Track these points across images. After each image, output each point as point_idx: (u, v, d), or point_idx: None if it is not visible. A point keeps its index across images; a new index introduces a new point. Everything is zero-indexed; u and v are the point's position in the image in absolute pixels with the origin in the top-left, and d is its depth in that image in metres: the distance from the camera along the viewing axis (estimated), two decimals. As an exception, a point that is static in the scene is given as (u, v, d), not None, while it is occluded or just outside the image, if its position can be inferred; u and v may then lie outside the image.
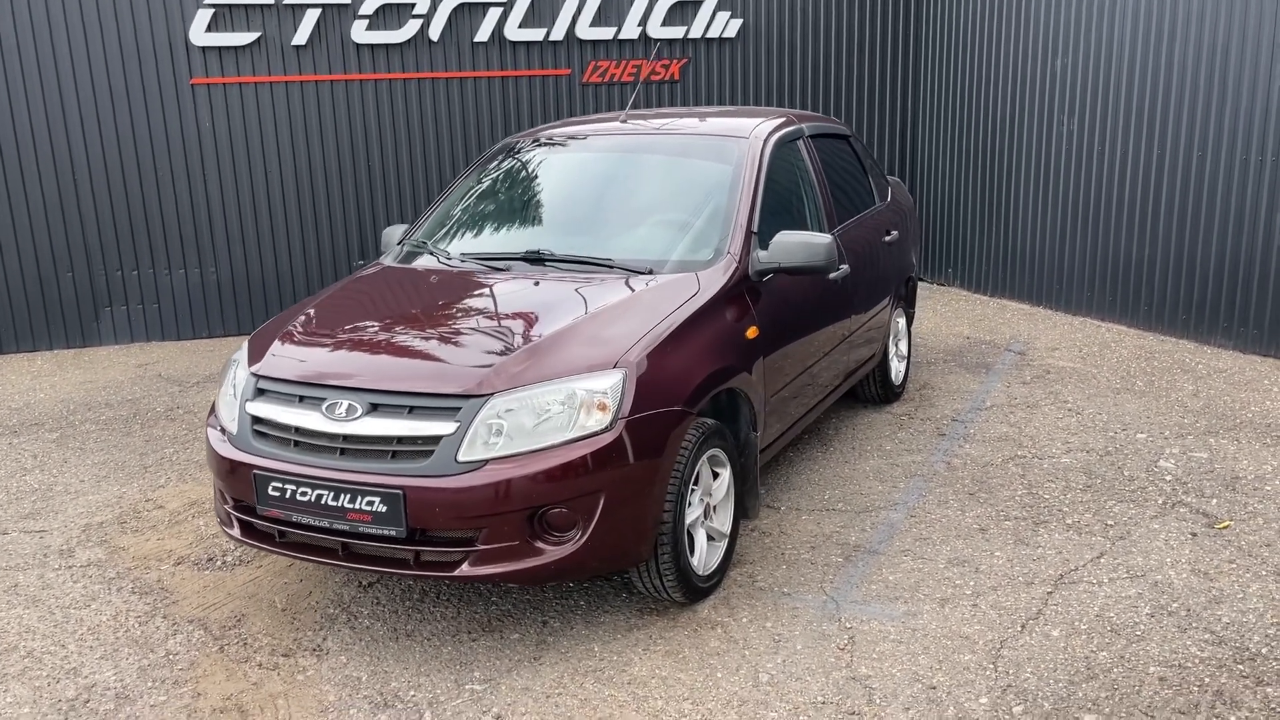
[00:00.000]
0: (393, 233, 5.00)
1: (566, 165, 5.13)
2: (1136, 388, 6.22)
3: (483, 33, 8.42)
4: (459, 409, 3.38)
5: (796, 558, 4.20)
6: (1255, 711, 3.11)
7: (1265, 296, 6.64)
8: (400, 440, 3.40)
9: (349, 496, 3.38)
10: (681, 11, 8.76)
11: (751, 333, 4.13)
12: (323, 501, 3.42)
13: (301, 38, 8.16)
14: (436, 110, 8.55)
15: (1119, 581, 3.90)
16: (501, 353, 3.57)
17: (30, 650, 3.73)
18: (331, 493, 3.40)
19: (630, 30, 8.68)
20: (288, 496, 3.48)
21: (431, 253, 4.63)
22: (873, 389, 5.96)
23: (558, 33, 8.55)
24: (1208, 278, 6.99)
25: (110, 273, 8.25)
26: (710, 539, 3.93)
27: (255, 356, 3.86)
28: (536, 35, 8.52)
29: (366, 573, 3.94)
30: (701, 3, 8.76)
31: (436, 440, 3.36)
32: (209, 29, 8.02)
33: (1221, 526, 4.34)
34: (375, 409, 3.45)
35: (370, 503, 3.36)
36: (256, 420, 3.66)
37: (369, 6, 8.21)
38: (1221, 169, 6.81)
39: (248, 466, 3.58)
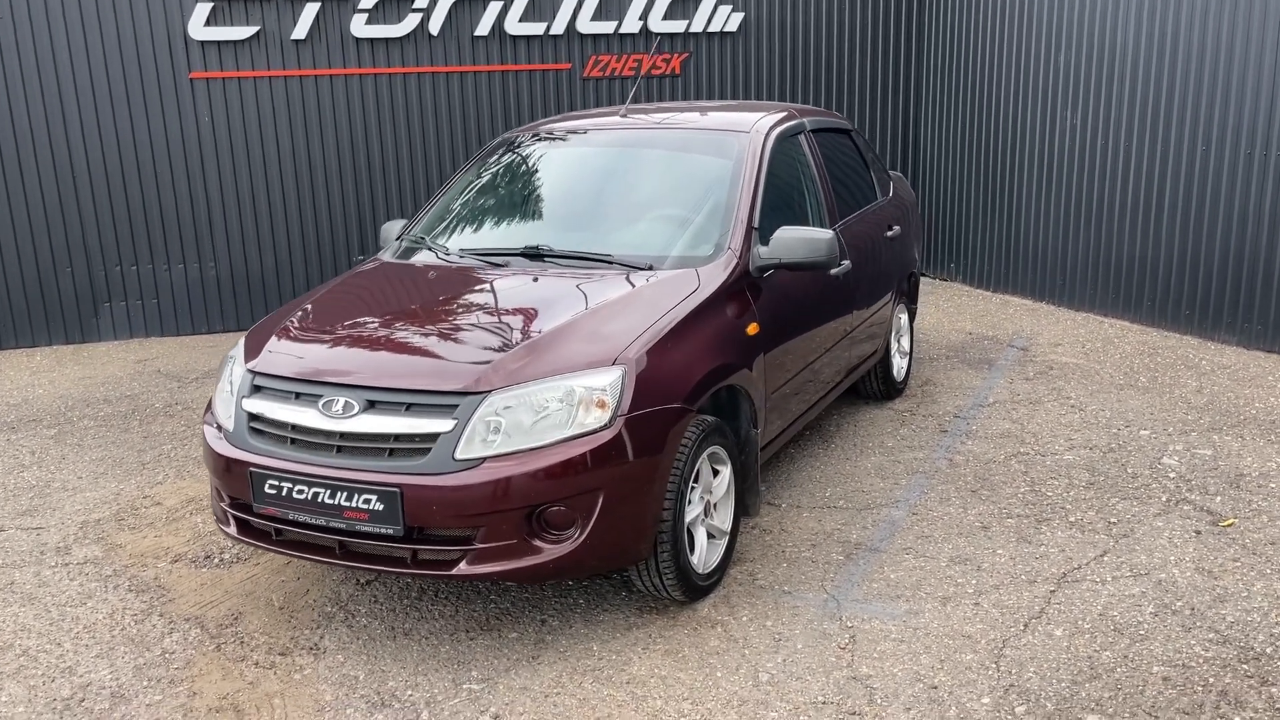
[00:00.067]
0: (391, 228, 4.97)
1: (566, 160, 5.09)
2: (1140, 384, 6.19)
3: (483, 27, 8.38)
4: (456, 406, 3.35)
5: (797, 556, 4.17)
6: (1260, 712, 3.08)
7: (1269, 292, 6.60)
8: (397, 438, 3.37)
9: (346, 494, 3.35)
10: (683, 5, 8.71)
11: (752, 329, 4.10)
12: (319, 499, 3.39)
13: (301, 32, 8.13)
14: (436, 105, 8.51)
15: (1122, 580, 3.87)
16: (499, 349, 3.54)
17: (26, 648, 3.70)
18: (328, 490, 3.38)
19: (631, 24, 8.63)
20: (284, 494, 3.46)
21: (430, 248, 4.60)
22: (874, 385, 5.93)
23: (558, 27, 8.51)
24: (1211, 273, 6.96)
25: (109, 268, 8.22)
26: (710, 537, 3.90)
27: (252, 353, 3.83)
28: (537, 29, 8.48)
29: (364, 571, 3.92)
30: (703, -3, 8.73)
31: (434, 438, 3.33)
32: (208, 23, 7.98)
33: (1226, 524, 4.31)
34: (372, 406, 3.42)
35: (367, 501, 3.33)
36: (253, 417, 3.63)
37: (368, 1, 8.17)
38: (1225, 164, 6.77)
39: (244, 464, 3.55)
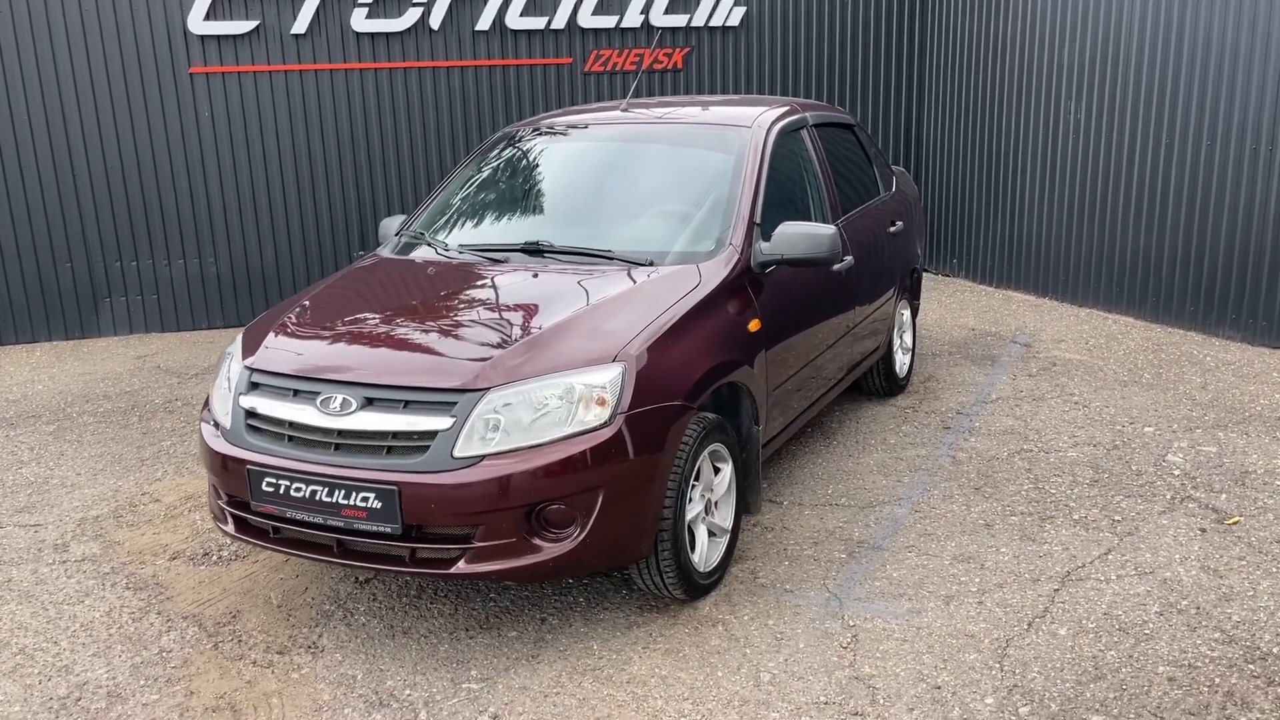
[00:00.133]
0: (390, 223, 4.94)
1: (566, 155, 5.06)
2: (1144, 380, 6.15)
3: (484, 21, 8.34)
4: (455, 403, 3.32)
5: (799, 554, 4.14)
6: (1267, 713, 3.05)
7: (1275, 288, 6.55)
8: (395, 435, 3.34)
9: (343, 492, 3.32)
10: (684, 0, 8.67)
11: (754, 325, 4.06)
12: (317, 497, 3.36)
13: (301, 26, 8.09)
14: (437, 99, 8.47)
15: (1127, 579, 3.84)
16: (498, 346, 3.51)
17: (22, 647, 3.68)
18: (326, 488, 3.35)
19: (633, 18, 8.58)
20: (282, 492, 3.43)
21: (429, 244, 4.56)
22: (877, 382, 5.89)
23: (559, 21, 8.46)
24: (1216, 269, 6.91)
25: (109, 264, 8.19)
26: (711, 535, 3.87)
27: (249, 349, 3.81)
28: (538, 24, 8.43)
29: (362, 570, 3.89)
30: (704, -10, 8.69)
31: (432, 435, 3.30)
32: (207, 17, 7.94)
33: (1231, 522, 4.28)
34: (370, 403, 3.39)
35: (365, 499, 3.30)
36: (250, 414, 3.61)
37: (369, -6, 8.15)
38: (1230, 158, 6.73)
39: (241, 462, 3.52)
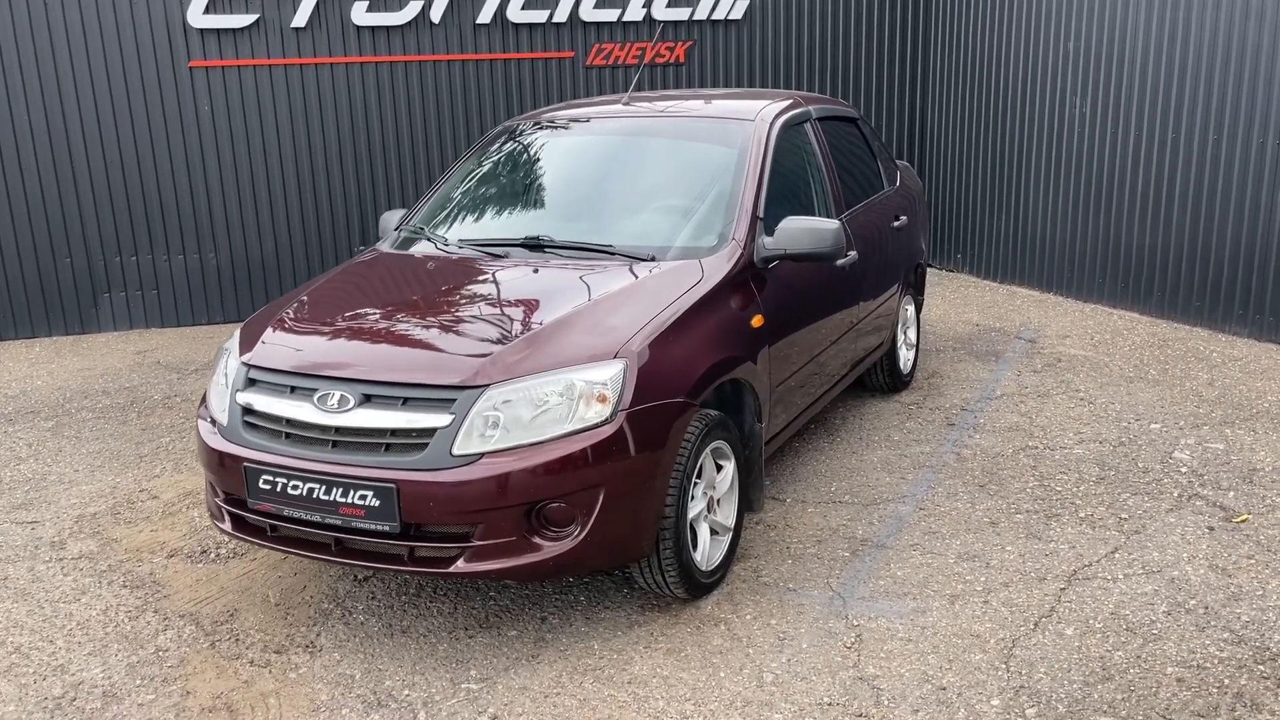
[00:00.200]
0: (390, 218, 4.89)
1: (568, 149, 5.01)
2: (1150, 376, 6.10)
3: (485, 14, 8.28)
4: (454, 400, 3.27)
5: (802, 552, 4.10)
6: (1276, 715, 3.01)
7: (1282, 283, 6.51)
8: (394, 432, 3.30)
9: (341, 490, 3.28)
10: (687, -8, 8.62)
11: (756, 321, 4.02)
12: (315, 495, 3.33)
13: (301, 19, 8.03)
14: (438, 93, 8.42)
15: (1134, 578, 3.80)
16: (498, 342, 3.47)
17: (18, 646, 3.64)
18: (323, 486, 3.31)
19: (635, 12, 8.53)
20: (279, 490, 3.39)
21: (429, 239, 4.52)
22: (880, 378, 5.85)
23: (561, 14, 8.41)
24: (1222, 264, 6.86)
25: (109, 259, 8.15)
26: (713, 533, 3.83)
27: (247, 345, 3.76)
28: (539, 17, 8.38)
29: (360, 568, 3.85)
30: (707, -16, 8.63)
31: (431, 433, 3.25)
32: (207, 10, 7.89)
33: (1239, 520, 4.23)
34: (368, 400, 3.35)
35: (363, 497, 3.26)
36: (247, 411, 3.57)
37: (369, -12, 8.10)
38: (1237, 153, 6.67)
39: (238, 459, 3.48)
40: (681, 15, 8.63)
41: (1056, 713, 3.05)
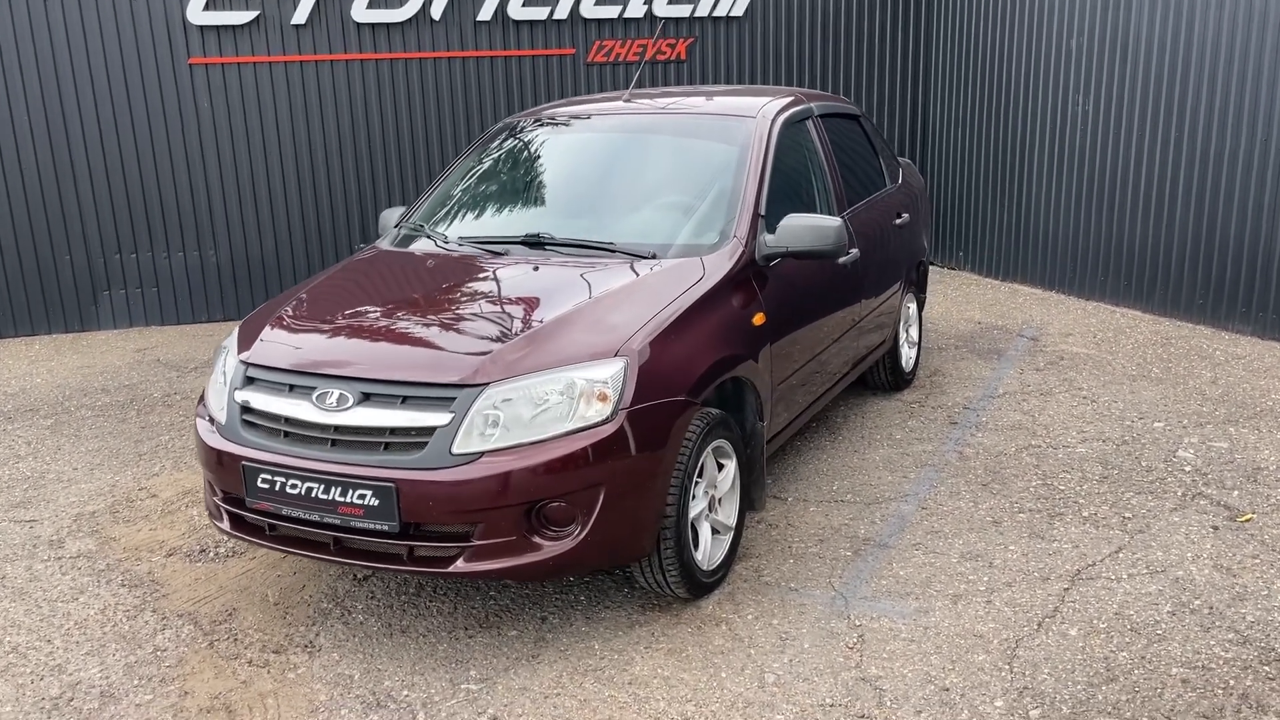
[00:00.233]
0: (390, 215, 4.87)
1: (568, 146, 4.98)
2: (1153, 375, 6.07)
3: (485, 11, 8.25)
4: (454, 399, 3.25)
5: (804, 551, 4.08)
6: (1283, 716, 2.99)
7: (1286, 281, 6.48)
8: (393, 431, 3.28)
9: (340, 489, 3.26)
10: (688, -11, 8.59)
11: (758, 319, 3.99)
12: (313, 494, 3.30)
13: (301, 16, 8.01)
14: (439, 91, 8.39)
15: (1138, 577, 3.77)
16: (498, 340, 3.44)
17: (15, 645, 3.62)
18: (322, 485, 3.29)
19: (636, 9, 8.50)
20: (277, 489, 3.37)
21: (429, 236, 4.49)
22: (883, 376, 5.82)
23: (562, 11, 8.38)
24: (1226, 261, 6.83)
25: (109, 256, 8.13)
26: (715, 532, 3.80)
27: (245, 343, 3.74)
28: (540, 14, 8.35)
29: (359, 568, 3.82)
30: (709, -20, 8.60)
31: (430, 431, 3.23)
32: (206, 7, 7.86)
33: (1244, 519, 4.21)
34: (367, 399, 3.33)
35: (362, 496, 3.24)
36: (246, 409, 3.54)
37: (369, -16, 8.07)
38: (1241, 150, 6.64)
39: (236, 458, 3.46)
40: (683, 12, 8.60)
41: (1060, 714, 3.02)
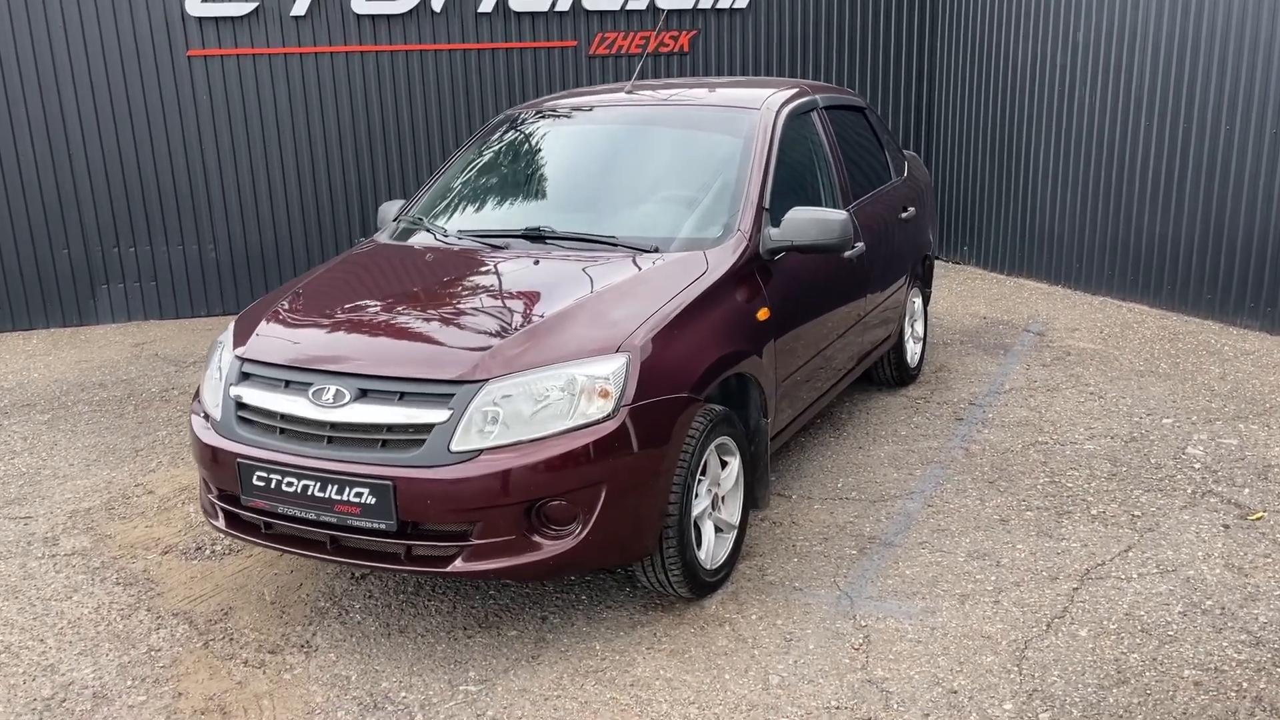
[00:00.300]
0: (389, 209, 4.81)
1: (570, 138, 4.92)
2: (1161, 370, 6.00)
3: (486, 3, 8.17)
4: (452, 395, 3.19)
5: (808, 550, 4.02)
6: (1298, 720, 2.93)
7: (1295, 276, 6.41)
8: (390, 428, 3.22)
9: (336, 487, 3.20)
10: (691, -19, 8.51)
11: (762, 314, 3.93)
12: (309, 492, 3.24)
13: (300, 8, 7.93)
14: (439, 83, 8.32)
15: (1149, 577, 3.71)
16: (498, 335, 3.38)
17: (7, 645, 3.57)
18: (318, 483, 3.23)
19: (638, 0, 8.42)
20: (273, 487, 3.31)
21: (428, 230, 4.43)
22: (888, 371, 5.76)
23: (563, 3, 8.29)
24: (1234, 256, 6.75)
25: (107, 249, 8.07)
26: (718, 531, 3.74)
27: (241, 338, 3.68)
28: (541, 5, 8.27)
29: (356, 567, 3.77)
30: (712, -28, 8.52)
31: (428, 428, 3.17)
32: (205, -1, 7.81)
33: (1255, 518, 4.14)
34: (364, 395, 3.27)
35: (359, 494, 3.18)
36: (241, 406, 3.48)
37: (369, -25, 7.99)
38: (1250, 142, 6.56)
39: (231, 455, 3.40)
40: (685, 4, 8.52)
41: (1071, 718, 2.96)
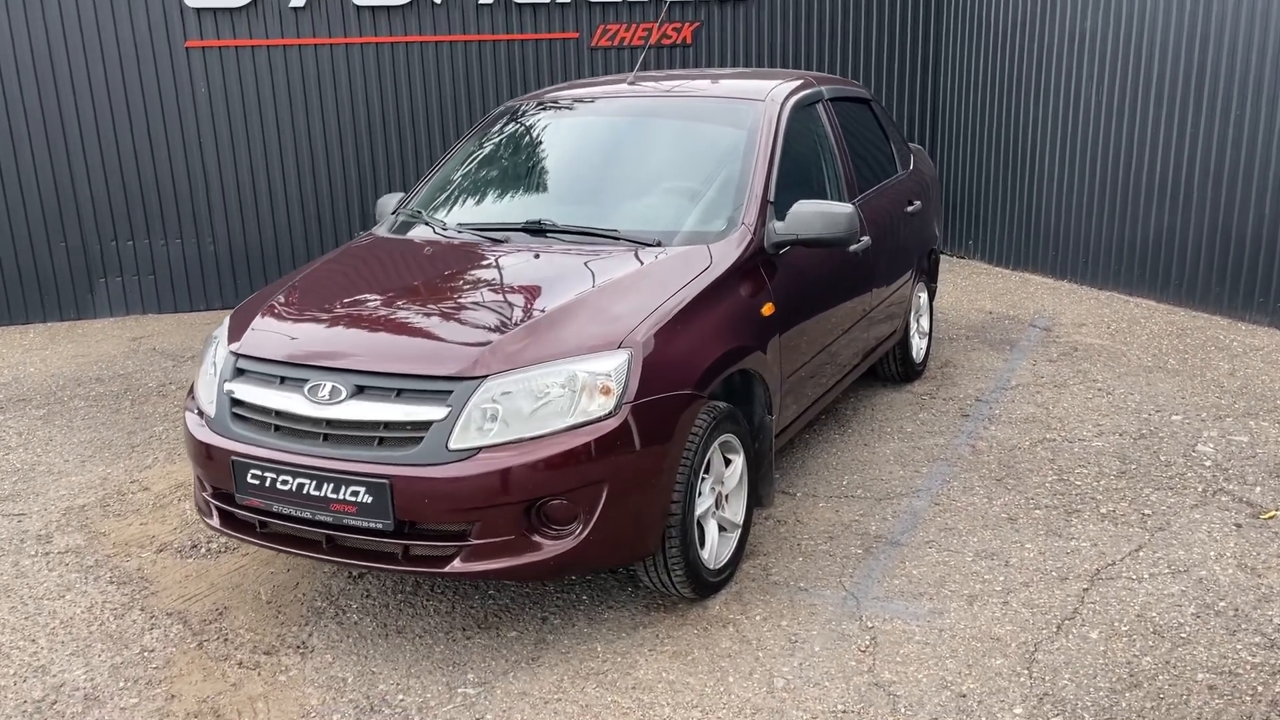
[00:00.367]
0: (387, 202, 4.74)
1: (571, 130, 4.84)
2: (1169, 366, 5.93)
3: (487, -6, 8.11)
4: (451, 392, 3.12)
5: (813, 549, 3.95)
6: (1315, 725, 2.86)
7: (1305, 270, 6.33)
8: (387, 425, 3.15)
9: (332, 486, 3.14)
10: (694, -28, 8.43)
11: (767, 309, 3.86)
12: (305, 491, 3.18)
13: (299, -1, 7.87)
14: (440, 75, 8.24)
15: (1160, 577, 3.64)
16: (497, 331, 3.31)
17: (-2, 645, 3.51)
18: (314, 481, 3.16)
19: (641, -9, 8.35)
20: (268, 485, 3.24)
21: (427, 223, 4.36)
22: (893, 367, 5.69)
23: (565, -6, 8.23)
24: (1243, 250, 6.67)
25: (105, 243, 8.00)
26: (721, 530, 3.68)
27: (236, 333, 3.61)
28: (543, -4, 8.20)
29: (352, 567, 3.71)
30: (715, -37, 8.43)
31: (426, 426, 3.10)
32: (203, -10, 7.73)
33: (1267, 517, 4.07)
34: (361, 391, 3.20)
35: (355, 493, 3.11)
36: (235, 402, 3.42)
37: (369, -34, 7.91)
38: (1260, 134, 6.48)
39: (226, 452, 3.33)
40: (688, -5, 8.45)
41: (1083, 722, 2.90)
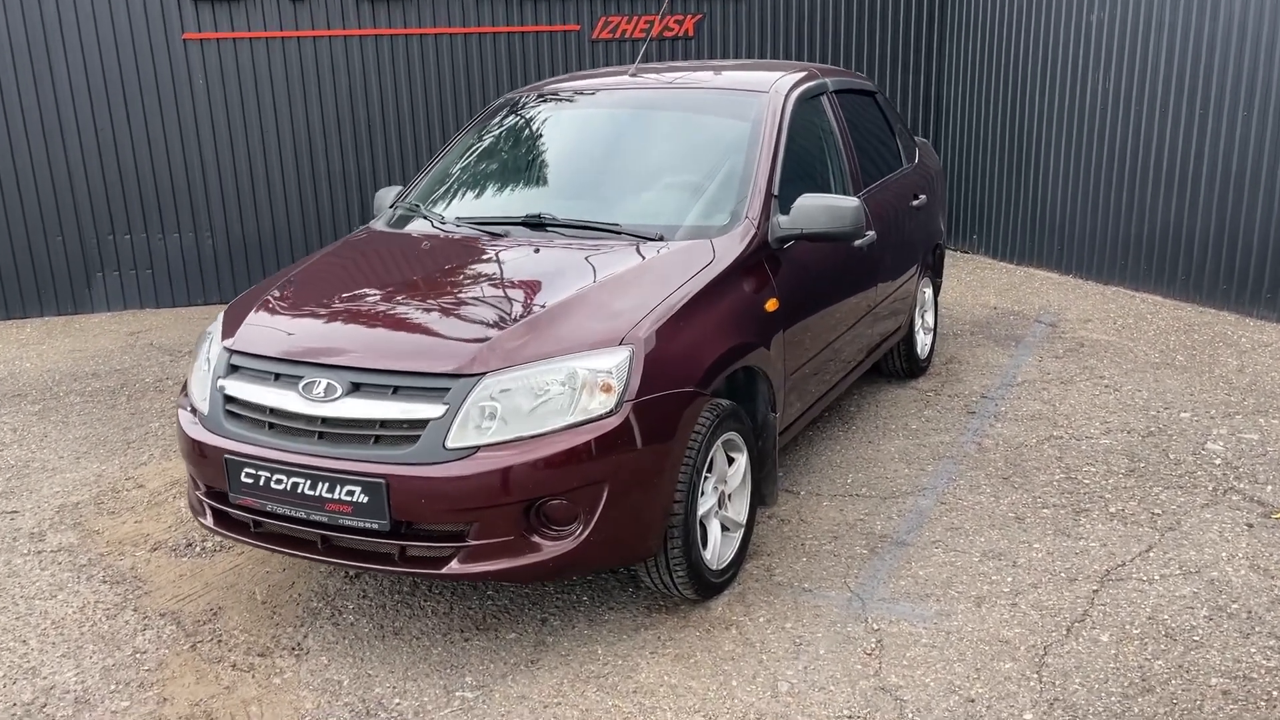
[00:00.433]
0: (385, 195, 4.67)
1: (572, 123, 4.77)
2: (1177, 363, 5.86)
3: (487, -15, 8.03)
4: (448, 389, 3.05)
5: (818, 549, 3.88)
6: (1332, 732, 2.80)
7: (1315, 266, 6.25)
8: (383, 424, 3.09)
9: (327, 485, 3.07)
10: (696, -37, 8.35)
11: (771, 305, 3.79)
12: (299, 490, 3.11)
13: (298, -10, 7.79)
14: (440, 68, 8.16)
15: (1172, 579, 3.57)
16: (496, 327, 3.24)
17: (-12, 646, 3.45)
18: (309, 481, 3.10)
19: (642, -17, 8.27)
20: (262, 484, 3.18)
21: (425, 217, 4.29)
22: (898, 363, 5.62)
23: (566, -14, 8.15)
24: (1251, 245, 6.60)
25: (102, 237, 7.93)
26: (724, 529, 3.61)
27: (230, 329, 3.54)
28: (544, -12, 8.12)
29: (348, 567, 3.64)
30: (717, -46, 8.34)
31: (423, 424, 3.03)
32: (200, -19, 7.65)
33: (1278, 516, 4.01)
34: (357, 389, 3.13)
35: (350, 492, 3.05)
36: (229, 399, 3.35)
37: (368, -43, 7.83)
38: (1269, 130, 6.40)
39: (219, 450, 3.27)
40: (690, -13, 8.37)
41: (1094, 728, 2.84)
